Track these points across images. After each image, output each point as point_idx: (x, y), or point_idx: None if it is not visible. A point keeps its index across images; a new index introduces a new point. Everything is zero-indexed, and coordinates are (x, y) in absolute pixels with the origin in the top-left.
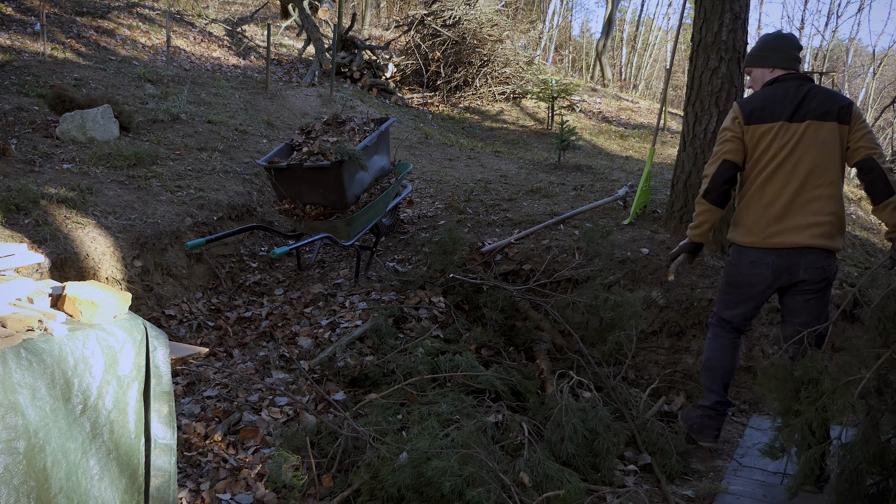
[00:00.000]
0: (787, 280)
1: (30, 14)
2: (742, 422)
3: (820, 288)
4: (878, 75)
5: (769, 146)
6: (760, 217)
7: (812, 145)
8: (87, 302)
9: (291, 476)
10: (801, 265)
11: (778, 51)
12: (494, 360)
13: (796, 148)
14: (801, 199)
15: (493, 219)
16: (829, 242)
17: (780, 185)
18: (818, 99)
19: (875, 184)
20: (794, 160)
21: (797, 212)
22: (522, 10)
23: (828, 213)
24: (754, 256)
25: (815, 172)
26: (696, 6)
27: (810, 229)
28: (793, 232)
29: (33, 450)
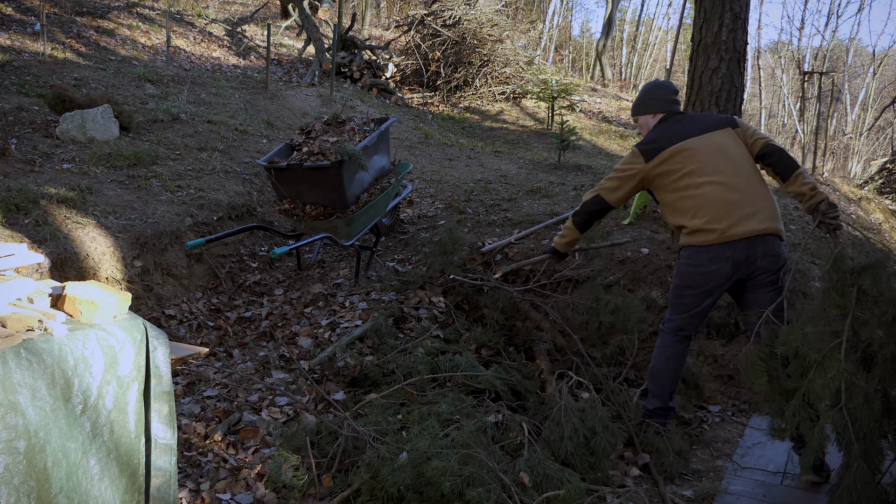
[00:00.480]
0: (745, 272)
1: (30, 14)
2: (742, 422)
3: (778, 277)
4: (878, 75)
5: (684, 162)
6: (713, 217)
7: (721, 147)
8: (87, 302)
9: (291, 476)
10: (759, 254)
11: (656, 98)
12: (494, 360)
13: (709, 153)
14: (739, 191)
15: (493, 219)
16: (776, 225)
17: (714, 186)
18: (704, 118)
19: (780, 163)
20: (714, 162)
21: (741, 202)
22: (522, 10)
23: (765, 198)
24: (713, 253)
25: (736, 167)
26: (696, 6)
27: (757, 215)
28: (744, 221)
29: (33, 450)
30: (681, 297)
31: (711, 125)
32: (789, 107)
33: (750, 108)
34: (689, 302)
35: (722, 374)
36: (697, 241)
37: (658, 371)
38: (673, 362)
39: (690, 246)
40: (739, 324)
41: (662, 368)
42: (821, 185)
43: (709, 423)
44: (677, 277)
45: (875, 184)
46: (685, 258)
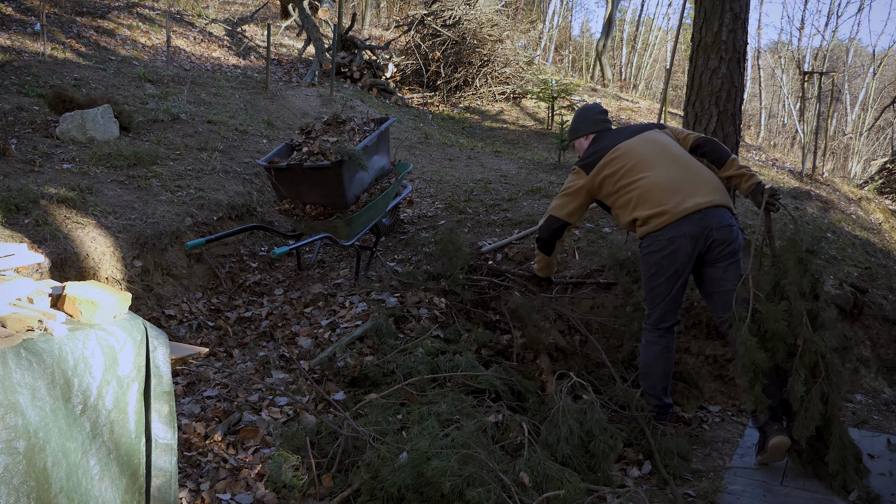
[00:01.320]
0: (703, 245)
1: (30, 14)
2: (742, 422)
3: (734, 249)
4: (878, 75)
5: (623, 163)
6: (660, 200)
7: (654, 142)
8: (87, 302)
9: (291, 476)
10: (713, 225)
11: (585, 120)
12: (494, 360)
13: (644, 149)
14: (679, 173)
15: (493, 219)
16: (724, 198)
17: (655, 173)
18: (631, 126)
19: (714, 151)
20: (651, 155)
21: (683, 181)
22: (522, 10)
23: (706, 175)
24: (671, 233)
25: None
26: (696, 6)
27: (702, 188)
28: (691, 196)
29: (33, 450)
30: (653, 288)
31: (639, 129)
32: (789, 107)
33: (750, 108)
34: (662, 290)
35: (722, 374)
36: (653, 226)
37: (647, 368)
38: (660, 357)
39: (648, 234)
40: None
41: (650, 365)
42: (821, 185)
43: (709, 423)
44: (644, 269)
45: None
46: (646, 247)
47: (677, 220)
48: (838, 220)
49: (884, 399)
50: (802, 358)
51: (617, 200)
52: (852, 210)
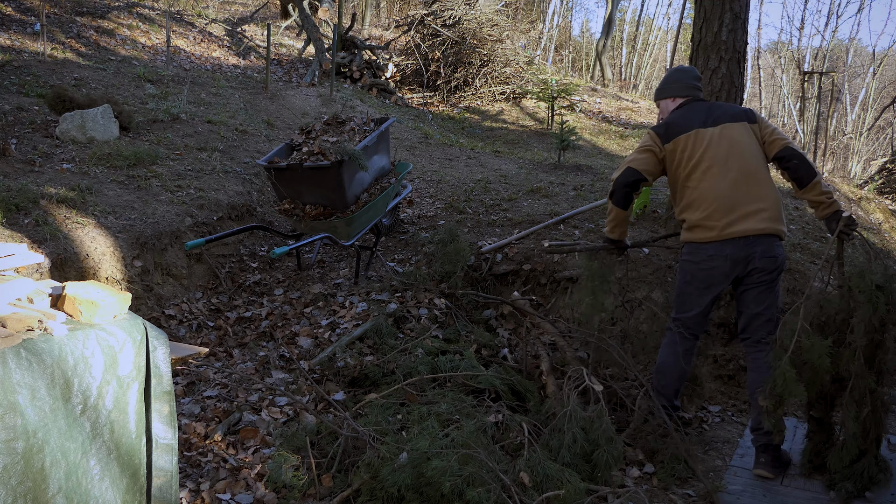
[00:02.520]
0: (742, 269)
1: (30, 14)
2: (742, 422)
3: (773, 278)
4: (878, 75)
5: (693, 152)
6: (713, 213)
7: (734, 141)
8: (87, 302)
9: (291, 476)
10: (757, 254)
11: (678, 81)
12: (494, 360)
13: (720, 146)
14: (743, 188)
15: (493, 219)
16: (777, 226)
17: (719, 180)
18: (723, 108)
19: (799, 168)
20: (723, 156)
21: (743, 200)
22: (522, 10)
23: (769, 198)
24: (713, 250)
25: (745, 164)
26: (696, 6)
27: (759, 214)
28: (744, 220)
29: (32, 450)
30: (684, 295)
31: (728, 117)
32: (789, 107)
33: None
34: (693, 299)
35: (722, 374)
36: (697, 237)
37: (664, 367)
38: (674, 358)
39: (691, 242)
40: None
41: (669, 364)
42: None
43: (709, 423)
44: (680, 274)
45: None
46: (686, 255)
47: (723, 241)
48: None
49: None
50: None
51: (676, 185)
52: (852, 210)
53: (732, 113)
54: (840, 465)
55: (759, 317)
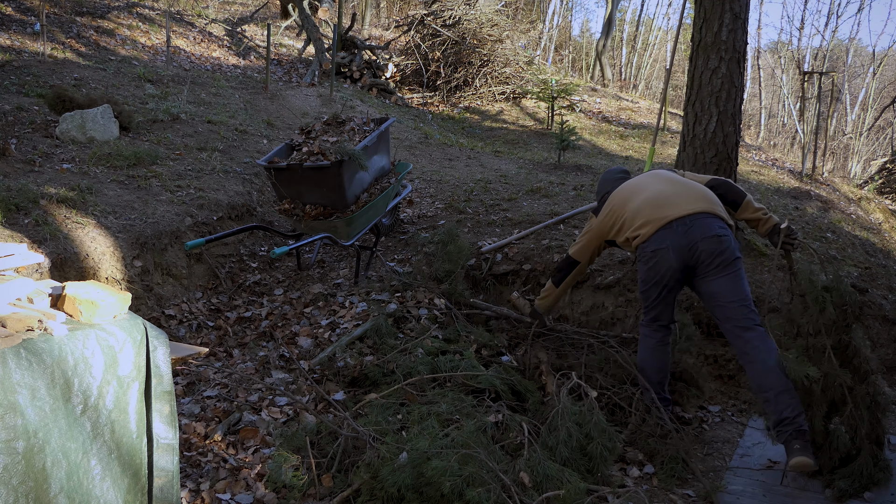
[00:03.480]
0: (689, 257)
1: (30, 14)
2: (742, 422)
3: (724, 262)
4: (878, 75)
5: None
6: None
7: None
8: (87, 302)
9: (291, 476)
10: (698, 237)
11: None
12: (494, 360)
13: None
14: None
15: (493, 219)
16: (714, 208)
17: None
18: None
19: (729, 193)
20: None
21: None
22: (522, 10)
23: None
24: (654, 244)
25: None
26: (696, 6)
27: (690, 201)
28: (676, 206)
29: (32, 450)
30: (644, 293)
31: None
32: (789, 107)
33: (750, 108)
34: (652, 295)
35: (722, 374)
36: (640, 238)
37: (643, 363)
38: (655, 351)
39: (638, 247)
40: None
41: (646, 359)
42: (821, 185)
43: (709, 423)
44: (639, 280)
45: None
46: (638, 258)
47: (660, 230)
48: (838, 220)
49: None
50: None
51: (620, 230)
52: (852, 210)
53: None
54: (830, 465)
55: (732, 304)
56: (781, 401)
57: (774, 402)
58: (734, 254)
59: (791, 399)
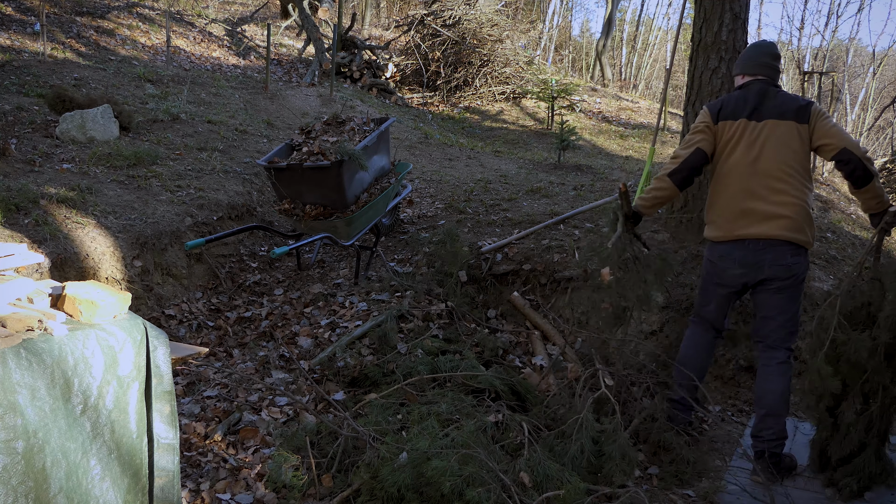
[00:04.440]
0: (753, 276)
1: (30, 14)
2: (742, 422)
3: (788, 285)
4: (878, 75)
5: (731, 143)
6: (726, 211)
7: (771, 142)
8: (87, 302)
9: (291, 476)
10: (767, 262)
11: (750, 59)
12: (495, 360)
13: (754, 144)
14: (762, 192)
15: (493, 219)
16: (795, 235)
17: (742, 179)
18: (777, 100)
19: (854, 172)
20: (754, 155)
21: (760, 204)
22: (522, 10)
23: (791, 205)
24: (722, 251)
25: (776, 167)
26: (696, 6)
27: (774, 220)
28: (757, 223)
29: (32, 450)
30: (703, 290)
31: (776, 113)
32: None
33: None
34: (710, 293)
35: (722, 374)
36: (710, 235)
37: (685, 358)
38: (694, 350)
39: (707, 239)
40: (739, 324)
41: (688, 357)
42: (821, 185)
43: (709, 423)
44: (701, 270)
45: None
46: (706, 251)
47: (732, 242)
48: (838, 220)
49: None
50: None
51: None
52: (852, 210)
53: (782, 110)
54: (840, 455)
55: (771, 321)
56: (766, 422)
57: (760, 419)
58: (798, 278)
59: (775, 423)
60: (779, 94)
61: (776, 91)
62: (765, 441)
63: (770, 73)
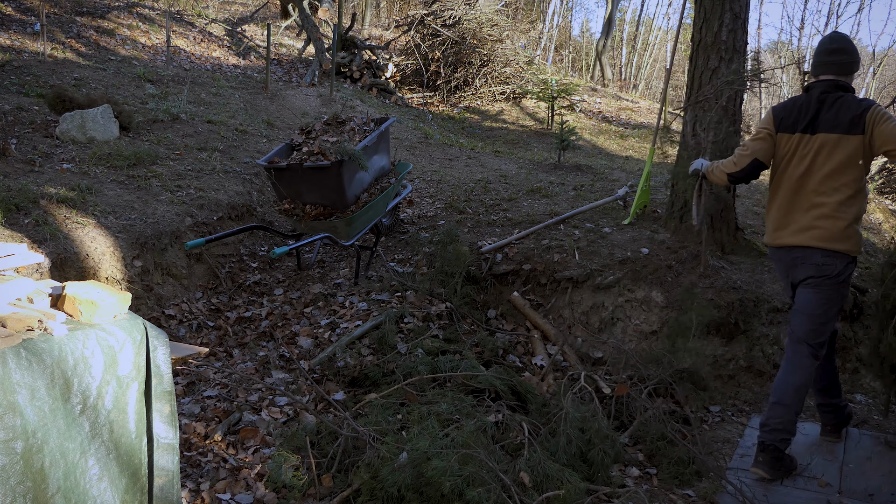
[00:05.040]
0: (792, 276)
1: (30, 14)
2: (742, 422)
3: (820, 283)
4: (879, 75)
5: (786, 157)
6: (773, 221)
7: (820, 157)
8: (87, 302)
9: (291, 476)
10: (798, 262)
11: (813, 58)
12: (495, 360)
13: (804, 159)
14: (805, 206)
15: (493, 219)
16: (826, 244)
17: (789, 193)
18: (833, 110)
19: None
20: (802, 170)
21: (800, 217)
22: (522, 10)
23: (828, 218)
24: (771, 253)
25: (820, 183)
26: (696, 6)
27: (810, 231)
28: (793, 234)
29: (31, 450)
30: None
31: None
32: None
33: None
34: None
35: (722, 374)
36: (764, 240)
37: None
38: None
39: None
40: (739, 324)
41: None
42: None
43: (709, 424)
44: None
45: (875, 184)
46: None
47: (773, 246)
48: None
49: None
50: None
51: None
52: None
53: (836, 122)
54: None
55: (800, 315)
56: (775, 410)
57: (770, 407)
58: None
59: (783, 413)
60: (837, 102)
61: (835, 97)
62: (770, 430)
63: (832, 70)
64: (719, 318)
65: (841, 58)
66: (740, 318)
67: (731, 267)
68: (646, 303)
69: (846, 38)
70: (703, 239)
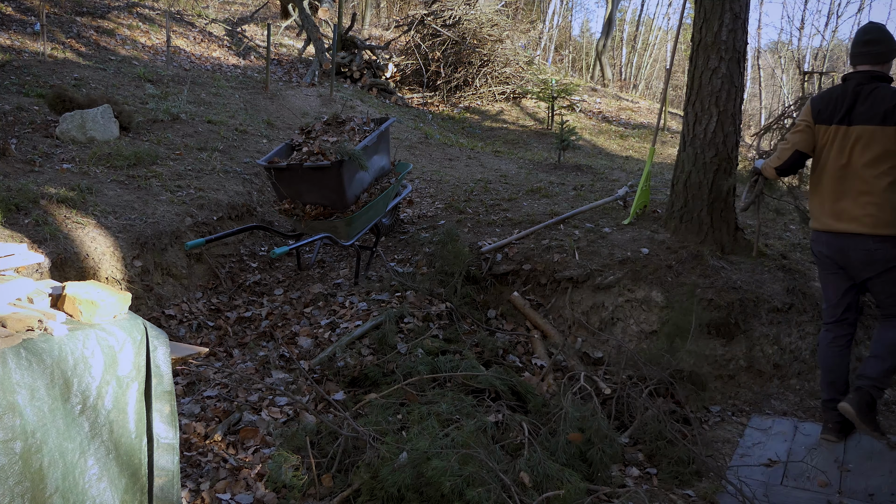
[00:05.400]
0: (842, 261)
1: (30, 14)
2: (742, 422)
3: (879, 269)
4: None
5: (826, 148)
6: (820, 207)
7: (859, 147)
8: (87, 302)
9: (291, 476)
10: (849, 248)
11: (851, 48)
12: (495, 360)
13: (844, 150)
14: (852, 195)
15: (493, 219)
16: (877, 230)
17: (833, 182)
18: (868, 102)
19: None
20: (843, 161)
21: (848, 204)
22: (522, 10)
23: (875, 205)
24: (815, 237)
25: (862, 171)
26: (696, 6)
27: (858, 220)
28: (845, 222)
29: (30, 450)
30: (820, 281)
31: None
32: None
33: (750, 108)
34: (823, 282)
35: (722, 374)
36: (812, 226)
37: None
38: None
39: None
40: (739, 324)
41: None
42: None
43: (709, 424)
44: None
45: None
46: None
47: (820, 230)
48: None
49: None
50: None
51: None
52: None
53: (871, 114)
54: None
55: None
56: (870, 362)
57: (867, 360)
58: (885, 263)
59: (878, 365)
60: (872, 94)
61: (871, 88)
62: (865, 378)
63: (866, 60)
64: (719, 318)
65: (875, 48)
66: (740, 318)
67: (731, 267)
68: (646, 303)
69: (881, 27)
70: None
